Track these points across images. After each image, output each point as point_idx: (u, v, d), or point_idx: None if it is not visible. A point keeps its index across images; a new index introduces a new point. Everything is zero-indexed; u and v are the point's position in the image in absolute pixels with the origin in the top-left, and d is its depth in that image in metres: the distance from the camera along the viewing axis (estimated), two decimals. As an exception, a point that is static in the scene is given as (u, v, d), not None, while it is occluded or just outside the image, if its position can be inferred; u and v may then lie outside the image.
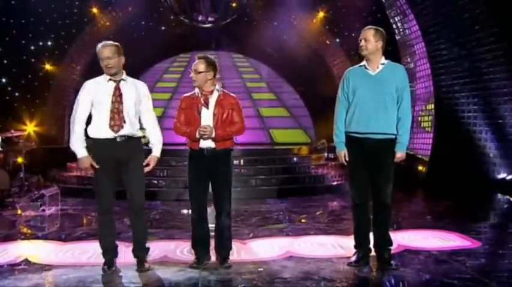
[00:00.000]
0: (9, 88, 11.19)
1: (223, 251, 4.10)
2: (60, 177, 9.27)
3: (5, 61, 11.01)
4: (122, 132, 3.82)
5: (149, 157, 4.00)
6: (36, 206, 6.69)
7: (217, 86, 4.06)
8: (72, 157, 3.98)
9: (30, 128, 10.93)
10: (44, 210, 6.64)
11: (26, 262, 4.27)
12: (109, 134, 3.80)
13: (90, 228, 5.87)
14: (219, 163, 4.01)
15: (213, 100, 4.01)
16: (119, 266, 4.02)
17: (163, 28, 13.07)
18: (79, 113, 3.83)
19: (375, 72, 3.98)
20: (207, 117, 3.98)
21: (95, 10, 11.71)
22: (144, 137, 4.05)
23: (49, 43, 11.56)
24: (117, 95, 3.83)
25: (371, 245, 4.10)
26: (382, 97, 3.91)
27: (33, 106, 11.32)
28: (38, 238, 5.32)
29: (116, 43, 3.90)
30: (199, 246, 4.11)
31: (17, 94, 11.26)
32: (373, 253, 4.10)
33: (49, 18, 11.06)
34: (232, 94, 4.12)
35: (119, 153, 3.81)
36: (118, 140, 3.81)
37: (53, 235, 5.39)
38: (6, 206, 7.14)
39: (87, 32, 11.95)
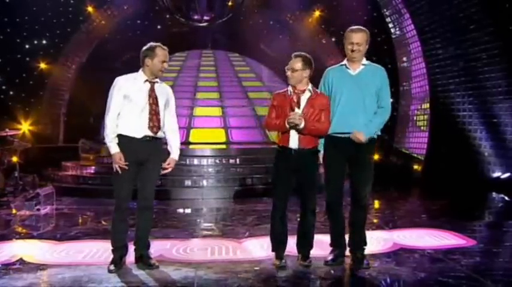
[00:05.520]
0: (3, 87, 11.17)
1: (306, 248, 4.11)
2: (55, 176, 9.23)
3: (0, 60, 10.96)
4: (158, 134, 3.92)
5: (169, 158, 4.07)
6: (31, 205, 6.65)
7: (309, 86, 4.04)
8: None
9: (25, 127, 10.89)
10: (39, 209, 6.61)
11: (21, 261, 4.24)
12: (141, 133, 3.86)
13: (85, 227, 5.85)
14: (306, 163, 4.02)
15: (304, 99, 4.00)
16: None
17: (159, 27, 13.04)
18: (111, 109, 3.88)
19: (355, 72, 3.97)
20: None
21: (90, 9, 11.66)
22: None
23: (44, 42, 11.53)
24: (154, 97, 3.93)
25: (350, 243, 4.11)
26: (362, 98, 3.90)
27: (28, 105, 11.28)
28: (33, 237, 5.29)
29: None
30: (280, 243, 4.11)
31: (11, 93, 11.23)
32: (347, 253, 4.11)
33: (44, 16, 11.02)
34: (324, 94, 4.07)
35: (141, 152, 3.88)
36: (143, 140, 3.88)
37: (48, 235, 5.36)
38: (1, 205, 7.10)
39: (83, 30, 11.91)
